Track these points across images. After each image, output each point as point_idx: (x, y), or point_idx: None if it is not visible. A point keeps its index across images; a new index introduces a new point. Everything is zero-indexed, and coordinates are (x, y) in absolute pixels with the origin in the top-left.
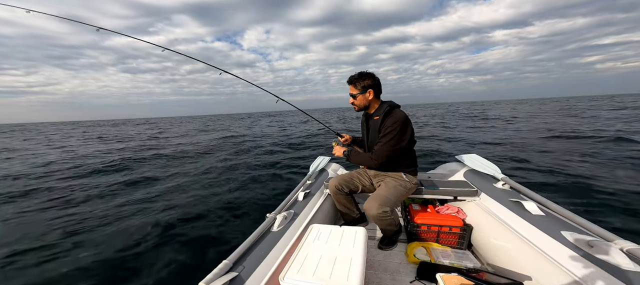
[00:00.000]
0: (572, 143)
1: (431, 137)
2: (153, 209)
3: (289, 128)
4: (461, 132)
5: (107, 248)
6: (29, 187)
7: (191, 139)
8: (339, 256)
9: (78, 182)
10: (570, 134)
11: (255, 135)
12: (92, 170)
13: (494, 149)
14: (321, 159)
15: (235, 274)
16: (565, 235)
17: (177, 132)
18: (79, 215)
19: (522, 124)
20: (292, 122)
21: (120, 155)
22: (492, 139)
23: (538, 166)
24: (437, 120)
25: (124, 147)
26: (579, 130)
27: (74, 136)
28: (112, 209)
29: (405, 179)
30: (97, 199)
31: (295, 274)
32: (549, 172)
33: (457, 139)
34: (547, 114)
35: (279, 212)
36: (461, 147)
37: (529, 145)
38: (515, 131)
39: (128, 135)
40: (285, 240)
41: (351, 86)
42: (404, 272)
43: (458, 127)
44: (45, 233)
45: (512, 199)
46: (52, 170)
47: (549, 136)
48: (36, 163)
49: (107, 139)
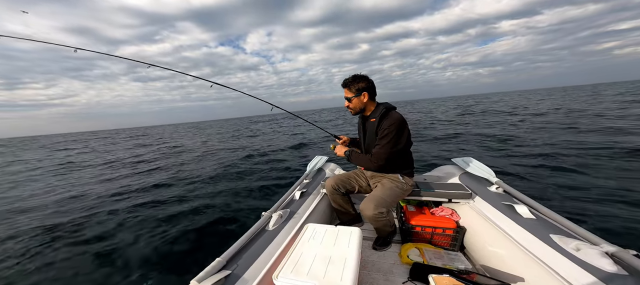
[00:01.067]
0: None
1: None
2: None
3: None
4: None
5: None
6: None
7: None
8: (334, 256)
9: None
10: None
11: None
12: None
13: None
14: (318, 158)
15: (228, 272)
16: (554, 239)
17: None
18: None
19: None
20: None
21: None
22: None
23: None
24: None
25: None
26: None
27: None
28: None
29: (402, 180)
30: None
31: (289, 273)
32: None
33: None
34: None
35: (275, 211)
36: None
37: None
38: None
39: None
40: (280, 239)
41: (346, 89)
42: (397, 272)
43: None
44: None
45: (504, 203)
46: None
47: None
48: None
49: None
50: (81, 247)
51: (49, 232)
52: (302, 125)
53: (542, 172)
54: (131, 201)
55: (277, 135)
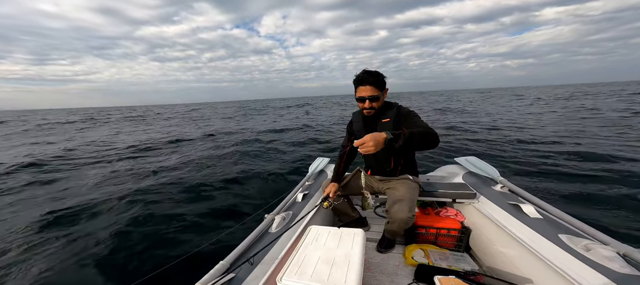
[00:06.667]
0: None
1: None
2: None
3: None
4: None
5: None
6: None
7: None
8: (337, 258)
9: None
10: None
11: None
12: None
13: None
14: (320, 160)
15: (232, 276)
16: (562, 238)
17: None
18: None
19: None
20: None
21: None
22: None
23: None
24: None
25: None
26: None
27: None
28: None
29: (416, 180)
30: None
31: (293, 276)
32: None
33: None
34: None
35: (278, 213)
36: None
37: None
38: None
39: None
40: (283, 242)
41: (371, 87)
42: (402, 274)
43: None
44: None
45: (510, 202)
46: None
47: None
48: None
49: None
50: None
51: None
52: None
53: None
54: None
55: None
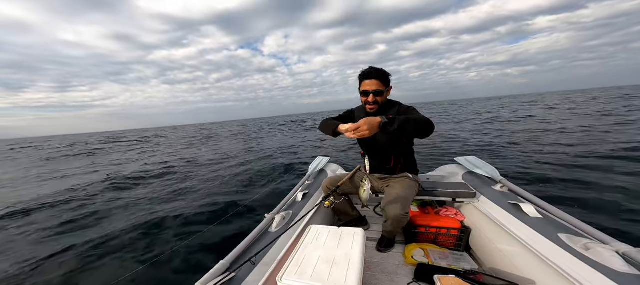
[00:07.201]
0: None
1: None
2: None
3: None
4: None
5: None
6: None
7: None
8: (337, 257)
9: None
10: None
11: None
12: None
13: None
14: (320, 159)
15: (232, 275)
16: (562, 238)
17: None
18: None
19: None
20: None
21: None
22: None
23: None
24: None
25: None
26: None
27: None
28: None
29: (413, 179)
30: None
31: (293, 275)
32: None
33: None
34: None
35: (278, 213)
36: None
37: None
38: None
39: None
40: (283, 241)
41: (376, 81)
42: (402, 273)
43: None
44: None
45: (510, 202)
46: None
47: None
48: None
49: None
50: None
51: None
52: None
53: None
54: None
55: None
